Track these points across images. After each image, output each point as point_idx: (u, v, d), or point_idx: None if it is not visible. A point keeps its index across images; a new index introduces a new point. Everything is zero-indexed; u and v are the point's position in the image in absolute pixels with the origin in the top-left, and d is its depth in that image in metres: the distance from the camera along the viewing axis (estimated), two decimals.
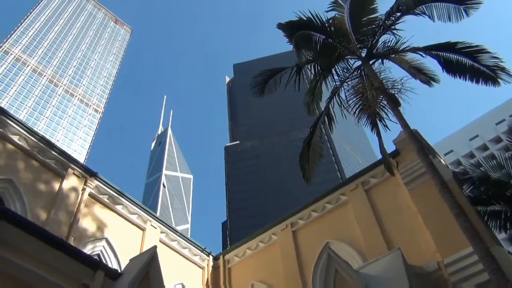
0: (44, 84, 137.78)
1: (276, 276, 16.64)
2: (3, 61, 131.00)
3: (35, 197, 13.70)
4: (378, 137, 13.68)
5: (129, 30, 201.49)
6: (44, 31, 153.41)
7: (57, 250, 7.94)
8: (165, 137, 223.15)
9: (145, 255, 9.23)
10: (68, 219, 14.02)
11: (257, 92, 15.26)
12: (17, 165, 13.92)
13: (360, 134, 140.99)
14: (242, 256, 18.62)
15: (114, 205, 16.26)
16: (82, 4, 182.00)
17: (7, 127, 14.13)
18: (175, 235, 18.13)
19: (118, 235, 15.58)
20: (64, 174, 15.03)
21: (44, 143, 15.14)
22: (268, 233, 18.36)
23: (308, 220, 17.42)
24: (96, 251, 14.52)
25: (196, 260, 18.51)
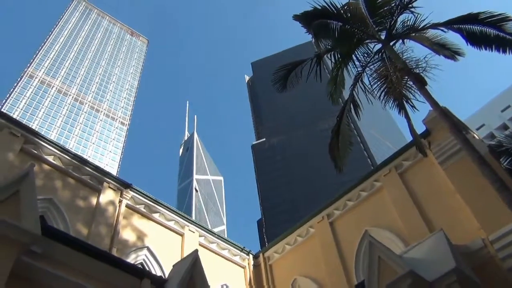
0: (70, 103, 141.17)
1: (318, 269, 16.59)
2: (28, 85, 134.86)
3: (75, 213, 14.07)
4: (406, 119, 13.43)
5: (146, 41, 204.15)
6: (64, 51, 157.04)
7: (103, 263, 8.13)
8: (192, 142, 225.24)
9: (187, 259, 9.34)
10: (109, 232, 14.35)
11: (279, 87, 15.22)
12: (55, 184, 14.32)
13: (387, 119, 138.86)
14: (282, 252, 18.64)
15: (151, 213, 16.54)
16: (97, 21, 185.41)
17: (41, 148, 14.55)
18: (213, 237, 18.31)
19: (158, 243, 15.85)
20: (100, 188, 15.37)
21: (78, 160, 15.53)
22: (305, 227, 18.31)
23: (344, 210, 17.28)
24: (139, 260, 14.81)
25: (236, 260, 18.64)
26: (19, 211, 6.88)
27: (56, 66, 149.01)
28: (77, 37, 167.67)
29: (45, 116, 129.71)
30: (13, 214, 6.75)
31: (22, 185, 7.12)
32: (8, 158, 13.22)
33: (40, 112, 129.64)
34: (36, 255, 7.10)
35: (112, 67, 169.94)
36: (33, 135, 14.60)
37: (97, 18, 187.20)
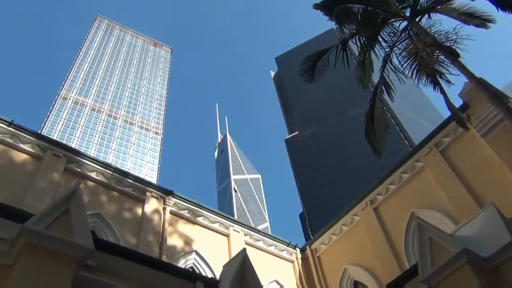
0: (104, 119, 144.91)
1: (367, 256, 16.41)
2: (63, 107, 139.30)
3: (123, 225, 14.47)
4: (442, 94, 13.04)
5: (169, 50, 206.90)
6: (93, 70, 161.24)
7: (156, 270, 8.30)
8: (226, 143, 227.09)
9: (236, 259, 9.40)
10: (157, 240, 14.67)
11: (308, 78, 15.10)
12: (101, 199, 14.76)
13: (420, 97, 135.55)
14: (328, 242, 18.54)
15: (195, 217, 16.79)
16: (121, 37, 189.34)
17: (84, 165, 15.03)
18: (258, 235, 18.41)
19: (205, 246, 16.08)
20: (143, 198, 15.73)
21: (119, 173, 15.95)
22: (349, 215, 18.14)
23: (387, 194, 17.01)
24: (189, 264, 15.09)
25: (284, 255, 18.67)
26: (72, 227, 7.10)
27: (87, 85, 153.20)
28: (103, 54, 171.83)
29: (82, 134, 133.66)
30: (66, 231, 6.97)
31: (71, 202, 7.35)
32: (54, 178, 13.73)
33: (77, 132, 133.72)
34: (92, 269, 7.31)
35: (140, 79, 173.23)
36: (74, 154, 15.10)
37: (120, 33, 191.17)
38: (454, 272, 8.23)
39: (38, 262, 6.53)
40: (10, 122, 14.00)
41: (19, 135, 14.14)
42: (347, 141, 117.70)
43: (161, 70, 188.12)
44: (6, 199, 11.90)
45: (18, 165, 13.67)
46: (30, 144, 14.24)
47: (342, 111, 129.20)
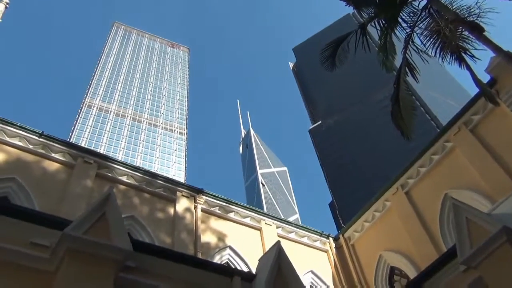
0: (129, 124, 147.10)
1: (402, 241, 16.23)
2: (89, 114, 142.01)
3: (156, 226, 14.71)
4: (469, 70, 12.69)
5: (187, 50, 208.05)
6: (114, 76, 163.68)
7: (193, 267, 8.41)
8: (250, 138, 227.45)
9: (271, 252, 9.43)
10: (190, 238, 14.86)
11: (329, 66, 14.94)
12: (133, 202, 15.03)
13: (445, 76, 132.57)
14: (361, 230, 18.39)
15: (226, 213, 16.92)
16: (138, 41, 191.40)
17: (114, 170, 15.32)
18: (290, 226, 18.43)
19: (238, 240, 16.20)
20: (174, 198, 15.93)
21: (149, 175, 16.21)
22: (380, 201, 17.95)
23: (418, 178, 16.75)
24: (224, 260, 15.24)
25: (317, 245, 18.64)
26: (109, 231, 7.26)
27: (110, 91, 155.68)
28: (123, 60, 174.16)
29: (109, 140, 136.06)
30: (104, 235, 7.14)
31: (106, 206, 7.51)
32: (87, 184, 14.06)
33: (104, 138, 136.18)
34: (131, 270, 7.46)
35: (160, 81, 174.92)
36: (104, 160, 15.42)
37: (137, 38, 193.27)
38: (495, 251, 8.05)
39: (79, 267, 6.71)
40: (40, 133, 14.38)
41: (50, 145, 14.51)
42: (372, 126, 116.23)
43: (180, 70, 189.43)
44: (43, 208, 12.28)
45: (51, 174, 14.04)
46: (61, 153, 14.60)
47: (365, 97, 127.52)
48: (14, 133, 13.99)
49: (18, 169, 13.43)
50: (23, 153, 13.95)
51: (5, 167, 13.28)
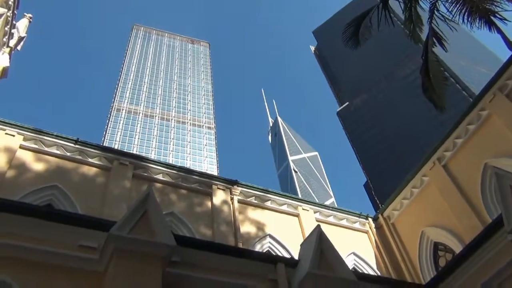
0: (158, 123, 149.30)
1: (444, 215, 15.92)
2: (118, 118, 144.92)
3: (195, 220, 14.94)
4: (500, 34, 12.20)
5: (207, 44, 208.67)
6: (139, 78, 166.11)
7: (237, 258, 8.51)
8: (278, 126, 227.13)
9: (312, 236, 9.42)
10: (230, 229, 15.03)
11: (352, 45, 14.67)
12: (171, 198, 15.30)
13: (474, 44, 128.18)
14: (401, 208, 18.13)
15: (263, 202, 17.00)
16: (159, 41, 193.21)
17: (150, 169, 15.61)
18: (328, 210, 18.37)
19: (277, 228, 16.26)
20: (210, 191, 16.11)
21: (184, 172, 16.46)
22: (417, 177, 17.62)
23: (455, 149, 16.34)
24: (265, 248, 15.36)
25: (357, 227, 18.51)
26: (152, 228, 7.42)
27: (136, 93, 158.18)
28: (146, 61, 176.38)
29: (140, 141, 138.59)
30: (148, 232, 7.30)
31: (147, 205, 7.67)
32: (125, 185, 14.40)
33: (135, 139, 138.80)
34: (177, 264, 7.61)
35: (184, 78, 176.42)
36: (139, 160, 15.75)
37: (157, 38, 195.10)
38: None
39: (127, 265, 6.89)
40: (76, 140, 14.78)
41: (86, 151, 14.90)
42: (401, 103, 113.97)
43: (203, 65, 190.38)
44: (86, 211, 12.67)
45: (90, 178, 14.44)
46: (97, 157, 14.97)
47: (391, 74, 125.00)
48: (51, 142, 14.44)
49: (59, 177, 13.87)
50: (62, 160, 14.39)
51: (46, 175, 13.73)
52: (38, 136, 14.34)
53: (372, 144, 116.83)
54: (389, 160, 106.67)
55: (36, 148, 14.19)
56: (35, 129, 14.47)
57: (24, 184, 13.10)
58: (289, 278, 8.49)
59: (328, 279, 8.31)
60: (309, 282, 8.06)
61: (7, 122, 14.22)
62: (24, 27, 32.50)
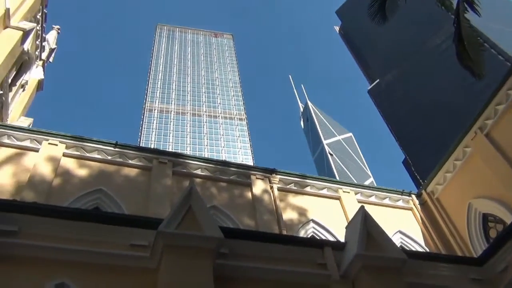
0: (190, 120, 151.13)
1: (491, 186, 15.44)
2: (151, 118, 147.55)
3: (238, 211, 15.10)
4: None
5: (230, 36, 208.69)
6: (167, 77, 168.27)
7: (283, 245, 8.58)
8: (309, 111, 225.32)
9: (357, 218, 9.35)
10: (272, 217, 15.10)
11: (380, 20, 14.34)
12: (211, 192, 15.50)
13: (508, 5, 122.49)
14: (444, 182, 17.70)
15: (303, 188, 16.97)
16: (183, 38, 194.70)
17: (188, 165, 15.86)
18: (369, 190, 18.16)
19: (320, 213, 16.22)
20: (249, 182, 16.22)
21: (221, 165, 16.65)
22: (459, 149, 17.13)
23: (496, 117, 15.79)
24: (309, 233, 15.37)
25: (400, 204, 18.21)
26: (198, 222, 7.57)
27: (166, 92, 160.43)
28: (172, 59, 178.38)
29: (174, 139, 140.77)
30: (195, 227, 7.45)
31: (191, 200, 7.82)
32: (167, 183, 14.70)
33: (170, 137, 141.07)
34: (226, 256, 7.74)
35: (211, 73, 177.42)
36: (177, 157, 16.05)
37: (181, 35, 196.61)
38: None
39: (178, 260, 7.06)
40: (115, 143, 15.18)
41: (125, 153, 15.28)
42: (433, 74, 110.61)
43: (228, 58, 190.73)
44: (132, 211, 13.03)
45: (132, 179, 14.82)
46: (137, 158, 15.33)
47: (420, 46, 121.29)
48: (92, 147, 14.89)
49: (102, 180, 14.30)
50: (104, 164, 14.83)
51: (91, 180, 14.19)
52: (79, 143, 14.81)
53: (407, 119, 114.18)
54: (427, 135, 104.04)
55: (78, 155, 14.68)
56: (76, 136, 14.96)
57: (71, 190, 13.58)
58: (338, 261, 8.49)
59: (377, 259, 8.26)
60: (358, 263, 8.03)
61: (49, 132, 14.76)
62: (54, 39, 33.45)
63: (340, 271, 8.25)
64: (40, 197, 12.31)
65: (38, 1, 25.62)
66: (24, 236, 7.04)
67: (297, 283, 7.97)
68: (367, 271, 7.98)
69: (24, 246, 6.93)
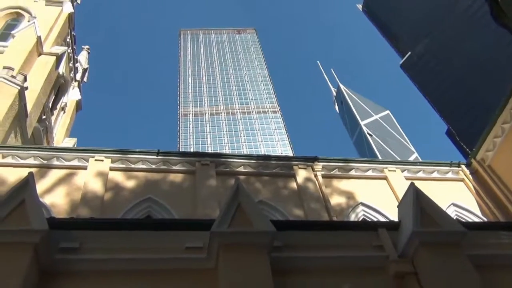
0: (224, 119, 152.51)
1: None
2: (187, 122, 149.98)
3: (285, 203, 15.12)
4: None
5: (253, 31, 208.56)
6: (197, 80, 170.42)
7: (337, 231, 8.53)
8: (342, 94, 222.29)
9: (408, 195, 9.13)
10: (320, 205, 15.01)
11: None
12: (256, 187, 15.58)
13: None
14: (494, 147, 17.02)
15: (347, 172, 16.79)
16: (207, 39, 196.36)
17: (230, 164, 16.01)
18: (415, 166, 17.72)
19: (367, 195, 16.01)
20: (292, 173, 16.20)
21: (262, 159, 16.71)
22: (506, 112, 16.44)
23: None
24: (360, 217, 15.21)
25: (450, 176, 17.68)
26: (249, 219, 7.60)
27: (198, 95, 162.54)
28: (199, 62, 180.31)
29: (212, 140, 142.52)
30: (247, 223, 7.49)
31: (240, 197, 7.88)
32: (212, 184, 14.90)
33: (207, 139, 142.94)
34: (281, 249, 7.75)
35: (239, 70, 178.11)
36: (219, 158, 16.24)
37: (204, 37, 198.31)
38: None
39: (235, 258, 7.11)
40: (157, 151, 15.54)
41: (168, 160, 15.61)
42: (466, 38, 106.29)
43: (254, 53, 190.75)
44: (182, 216, 13.31)
45: (178, 184, 15.12)
46: (180, 164, 15.62)
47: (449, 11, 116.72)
48: (136, 158, 15.30)
49: (150, 189, 14.68)
50: (149, 173, 15.21)
51: (139, 190, 14.59)
52: (123, 155, 15.26)
53: (444, 88, 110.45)
54: (468, 101, 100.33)
55: (124, 167, 15.12)
56: (119, 150, 15.42)
57: (122, 202, 14.01)
58: (394, 241, 8.33)
59: (435, 235, 8.05)
60: (415, 241, 7.85)
61: (94, 149, 15.29)
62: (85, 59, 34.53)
63: (398, 251, 8.09)
64: (95, 212, 12.79)
65: (65, 24, 26.55)
66: (85, 251, 7.30)
67: (355, 268, 7.88)
68: (426, 248, 7.79)
69: (86, 261, 7.19)
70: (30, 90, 19.36)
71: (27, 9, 25.42)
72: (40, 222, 6.94)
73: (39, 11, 25.20)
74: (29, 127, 19.66)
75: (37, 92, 20.58)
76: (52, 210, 13.08)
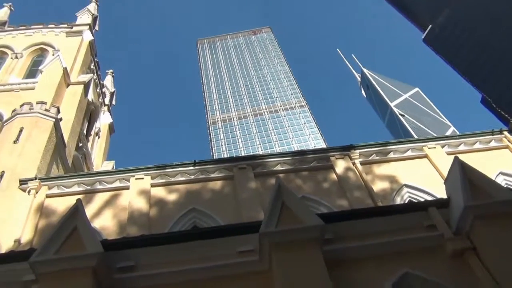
0: (253, 121, 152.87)
1: None
2: (216, 130, 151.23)
3: (328, 195, 15.02)
4: None
5: (269, 29, 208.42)
6: (220, 85, 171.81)
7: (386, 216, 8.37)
8: (367, 78, 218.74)
9: (454, 170, 8.87)
10: (363, 192, 14.82)
11: None
12: (297, 183, 15.52)
13: None
14: None
15: (385, 156, 16.51)
16: (224, 45, 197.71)
17: (267, 164, 16.09)
18: (455, 140, 17.24)
19: (410, 175, 15.71)
20: (330, 164, 16.07)
21: (298, 155, 16.67)
22: None
23: None
24: (406, 199, 14.92)
25: (493, 145, 17.10)
26: (296, 216, 7.58)
27: (224, 102, 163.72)
28: (220, 68, 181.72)
29: (244, 143, 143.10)
30: (294, 221, 7.47)
31: (283, 195, 7.87)
32: (252, 186, 14.96)
33: (239, 143, 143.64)
34: (332, 241, 7.68)
35: (260, 70, 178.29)
36: (254, 160, 16.29)
37: (222, 43, 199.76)
38: None
39: (288, 256, 7.09)
40: (194, 162, 15.75)
41: (206, 169, 15.78)
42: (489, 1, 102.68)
43: (272, 51, 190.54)
44: (227, 222, 13.39)
45: (219, 191, 15.26)
46: (218, 171, 15.77)
47: None
48: (174, 172, 15.56)
49: (193, 199, 14.89)
50: (189, 184, 15.44)
51: (182, 202, 14.81)
52: (161, 171, 15.53)
53: (473, 57, 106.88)
54: (498, 66, 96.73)
55: (164, 182, 15.40)
56: (157, 166, 15.71)
57: (167, 216, 14.26)
58: (446, 219, 8.12)
59: (488, 207, 7.78)
60: (469, 216, 7.62)
61: (133, 169, 15.65)
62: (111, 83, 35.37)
63: (452, 228, 7.88)
64: (143, 229, 13.06)
65: (88, 52, 27.30)
66: (141, 268, 7.46)
67: (410, 251, 7.72)
68: (481, 221, 7.55)
69: (143, 277, 7.34)
70: (64, 120, 19.98)
71: (50, 43, 26.26)
72: (94, 246, 7.14)
73: (61, 43, 25.99)
74: (69, 156, 20.28)
75: (71, 121, 21.22)
76: (102, 233, 13.45)
